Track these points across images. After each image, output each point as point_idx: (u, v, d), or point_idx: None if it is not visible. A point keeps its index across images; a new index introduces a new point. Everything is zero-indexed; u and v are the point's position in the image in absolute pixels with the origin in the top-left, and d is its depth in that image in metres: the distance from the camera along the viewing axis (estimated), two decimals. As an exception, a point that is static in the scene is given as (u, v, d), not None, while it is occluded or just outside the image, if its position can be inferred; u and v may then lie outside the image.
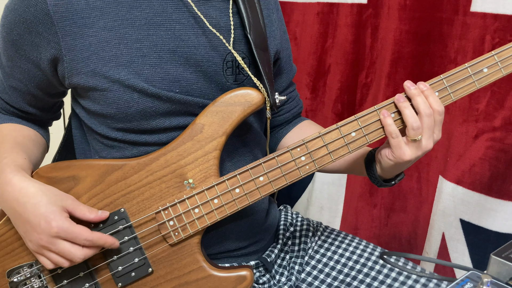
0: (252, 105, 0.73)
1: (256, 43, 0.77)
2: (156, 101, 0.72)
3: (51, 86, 0.77)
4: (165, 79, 0.72)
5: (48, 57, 0.72)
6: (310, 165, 0.73)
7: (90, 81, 0.71)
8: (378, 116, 0.72)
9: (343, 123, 0.73)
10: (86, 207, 0.70)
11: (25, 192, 0.67)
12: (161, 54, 0.72)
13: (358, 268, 0.87)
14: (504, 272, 0.69)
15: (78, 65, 0.70)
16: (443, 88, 0.72)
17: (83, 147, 0.85)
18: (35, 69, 0.75)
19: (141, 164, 0.73)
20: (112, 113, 0.73)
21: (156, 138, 0.76)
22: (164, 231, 0.73)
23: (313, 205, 1.51)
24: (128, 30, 0.71)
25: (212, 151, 0.73)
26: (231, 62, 0.77)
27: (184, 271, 0.74)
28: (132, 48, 0.71)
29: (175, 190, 0.73)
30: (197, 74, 0.75)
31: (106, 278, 0.73)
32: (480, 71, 0.72)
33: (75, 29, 0.69)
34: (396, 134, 0.71)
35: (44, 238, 0.66)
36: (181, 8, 0.73)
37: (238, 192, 0.73)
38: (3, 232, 0.74)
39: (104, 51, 0.70)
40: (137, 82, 0.71)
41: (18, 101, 0.81)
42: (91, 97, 0.73)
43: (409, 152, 0.71)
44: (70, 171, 0.74)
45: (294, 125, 0.97)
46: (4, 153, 0.73)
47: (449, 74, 0.72)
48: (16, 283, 0.73)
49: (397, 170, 0.77)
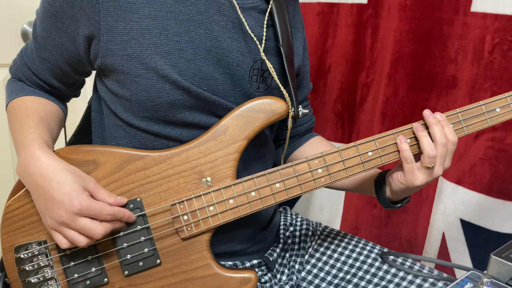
0: (276, 113, 0.75)
1: (286, 56, 0.81)
2: (185, 95, 0.74)
3: (80, 63, 0.78)
4: (197, 75, 0.74)
5: (85, 33, 0.72)
6: (326, 178, 0.75)
7: (125, 64, 0.72)
8: (395, 139, 0.76)
9: (362, 142, 0.75)
10: (106, 191, 0.71)
11: (51, 169, 0.68)
12: (197, 51, 0.73)
13: (357, 266, 0.88)
14: (504, 272, 0.69)
15: (115, 47, 0.71)
16: (457, 121, 0.76)
17: (102, 131, 0.86)
18: (68, 43, 0.76)
19: (163, 157, 0.75)
20: (141, 100, 0.74)
21: (178, 133, 0.77)
22: (177, 225, 0.74)
23: (314, 205, 1.51)
24: (171, 22, 0.72)
25: (233, 153, 0.75)
26: (257, 70, 0.80)
27: (192, 266, 0.75)
28: (171, 40, 0.72)
29: (192, 186, 0.74)
30: (225, 76, 0.77)
31: (113, 265, 0.74)
32: (493, 110, 0.76)
33: (119, 11, 0.70)
34: (411, 160, 0.74)
35: (65, 215, 0.67)
36: (222, 11, 0.75)
37: (253, 196, 0.74)
38: (16, 207, 0.74)
39: (145, 38, 0.71)
40: (171, 73, 0.72)
41: (45, 73, 0.82)
42: (122, 81, 0.74)
43: (421, 177, 0.74)
44: (91, 155, 0.75)
45: (306, 139, 0.99)
46: (30, 128, 0.74)
47: (464, 109, 0.76)
48: (22, 259, 0.73)
49: (406, 193, 0.80)
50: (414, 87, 1.21)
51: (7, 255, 0.74)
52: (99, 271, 0.74)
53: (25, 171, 0.70)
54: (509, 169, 1.07)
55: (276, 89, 0.82)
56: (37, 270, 0.73)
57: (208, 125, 0.77)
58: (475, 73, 1.09)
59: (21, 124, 0.76)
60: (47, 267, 0.73)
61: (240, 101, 0.78)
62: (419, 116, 0.76)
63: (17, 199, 0.74)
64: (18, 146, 0.74)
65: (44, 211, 0.70)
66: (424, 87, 1.20)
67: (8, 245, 0.74)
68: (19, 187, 0.76)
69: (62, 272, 0.73)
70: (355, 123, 1.38)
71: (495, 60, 1.05)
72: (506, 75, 1.05)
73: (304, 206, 1.55)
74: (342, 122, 1.41)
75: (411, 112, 1.23)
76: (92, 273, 0.73)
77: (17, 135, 0.75)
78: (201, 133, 0.76)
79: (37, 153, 0.70)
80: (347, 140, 1.42)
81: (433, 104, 1.19)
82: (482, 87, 1.08)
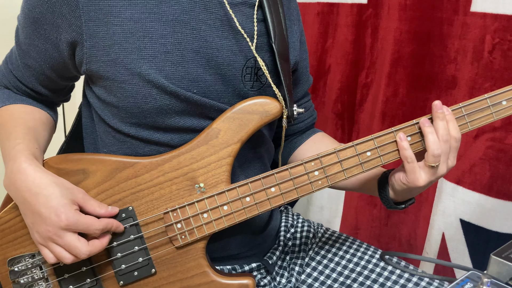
0: (269, 115, 0.73)
1: (279, 53, 0.77)
2: (174, 99, 0.71)
3: (66, 69, 0.76)
4: (185, 78, 0.72)
5: (67, 39, 0.70)
6: (323, 181, 0.73)
7: (109, 70, 0.70)
8: (395, 138, 0.72)
9: (359, 142, 0.72)
10: (96, 202, 0.70)
11: (38, 182, 0.66)
12: (184, 53, 0.71)
13: (358, 271, 0.86)
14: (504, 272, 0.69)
15: (98, 53, 0.69)
16: (461, 116, 0.72)
17: (93, 138, 0.84)
18: (52, 49, 0.74)
19: (154, 164, 0.73)
20: (128, 106, 0.72)
21: (168, 138, 0.75)
22: (171, 233, 0.72)
23: (313, 205, 1.51)
24: (154, 24, 0.69)
25: (226, 157, 0.73)
26: (250, 68, 0.77)
27: (187, 274, 0.74)
28: (156, 43, 0.69)
29: (185, 193, 0.73)
30: (216, 77, 0.74)
31: (108, 275, 0.73)
32: (499, 103, 0.72)
33: (100, 16, 0.68)
34: (412, 159, 0.71)
35: (52, 230, 0.65)
36: (209, 9, 0.72)
37: (248, 201, 0.72)
38: (8, 219, 0.73)
39: (128, 42, 0.69)
40: (157, 77, 0.70)
41: (31, 80, 0.79)
42: (107, 87, 0.72)
43: (424, 177, 0.71)
44: (81, 164, 0.73)
45: (308, 136, 0.96)
46: (17, 139, 0.72)
47: (468, 103, 0.72)
48: (16, 272, 0.72)
49: (409, 194, 0.77)
50: (414, 87, 1.21)
51: (1, 268, 0.73)
52: (94, 282, 0.73)
53: (11, 184, 0.68)
54: (509, 169, 1.07)
55: (271, 87, 0.79)
56: (32, 283, 0.72)
57: (200, 128, 0.74)
58: (475, 73, 1.09)
59: (8, 134, 0.74)
60: (41, 279, 0.72)
61: (233, 101, 0.75)
62: (419, 116, 0.73)
63: (8, 211, 0.73)
64: (5, 158, 0.71)
65: (32, 225, 0.68)
66: (424, 87, 1.20)
67: (1, 258, 0.73)
68: (10, 199, 0.74)
69: (57, 284, 0.72)
70: (355, 123, 1.38)
71: (495, 60, 1.05)
72: (506, 75, 1.05)
73: (304, 206, 1.55)
74: (342, 122, 1.41)
75: (411, 112, 1.23)
76: (87, 284, 0.73)
77: (4, 146, 0.73)
78: (193, 137, 0.74)
79: (23, 165, 0.67)
80: (347, 140, 1.42)
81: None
82: (482, 87, 1.08)
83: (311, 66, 1.42)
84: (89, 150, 0.85)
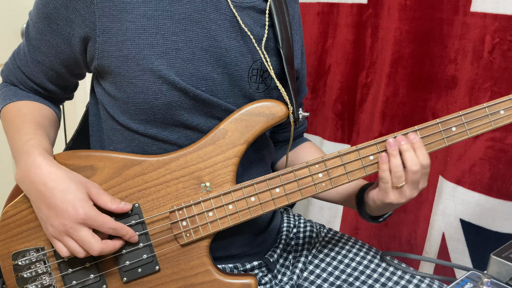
0: (276, 117, 0.74)
1: (286, 58, 0.79)
2: (183, 96, 0.73)
3: (76, 64, 0.77)
4: (194, 76, 0.73)
5: (80, 34, 0.71)
6: (327, 183, 0.74)
7: (121, 66, 0.71)
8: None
9: (363, 146, 0.74)
10: (109, 196, 0.70)
11: (54, 177, 0.67)
12: (195, 51, 0.72)
13: (360, 270, 0.87)
14: (504, 272, 0.69)
15: (111, 48, 0.70)
16: (460, 124, 0.74)
17: (99, 135, 0.85)
18: (64, 45, 0.74)
19: (161, 162, 0.74)
20: (138, 102, 0.73)
21: (176, 137, 0.76)
22: (176, 231, 0.73)
23: (313, 205, 1.51)
24: (167, 21, 0.71)
25: (232, 157, 0.74)
26: (256, 70, 0.78)
27: (191, 272, 0.74)
28: (168, 40, 0.71)
29: (191, 192, 0.74)
30: (223, 76, 0.76)
31: (112, 272, 0.73)
32: (497, 112, 0.75)
33: (114, 12, 0.69)
34: (387, 180, 0.73)
35: (69, 224, 0.66)
36: (220, 10, 0.74)
37: (253, 201, 0.73)
38: (13, 213, 0.73)
39: (140, 39, 0.70)
40: (168, 73, 0.71)
41: (40, 76, 0.80)
42: (118, 83, 0.73)
43: (393, 197, 0.73)
44: (88, 161, 0.74)
45: (297, 144, 0.98)
46: (29, 134, 0.73)
47: (467, 112, 0.74)
48: (20, 266, 0.73)
49: (383, 210, 0.80)
50: (414, 87, 1.21)
51: (5, 262, 0.73)
52: (98, 277, 0.73)
53: (25, 178, 0.69)
54: (509, 169, 1.07)
55: (276, 90, 0.81)
56: (35, 277, 0.73)
57: (207, 128, 0.76)
58: (475, 73, 1.09)
59: (18, 130, 0.74)
60: (45, 274, 0.73)
61: (239, 101, 0.77)
62: (419, 116, 0.75)
63: (14, 205, 0.73)
64: (17, 153, 0.72)
65: (45, 219, 0.68)
66: (424, 87, 1.20)
67: (5, 251, 0.73)
68: (16, 193, 0.75)
69: (61, 279, 0.73)
70: (355, 123, 1.38)
71: (495, 60, 1.05)
72: (506, 75, 1.05)
73: (304, 207, 1.55)
74: (342, 122, 1.41)
75: (411, 112, 1.23)
76: (90, 280, 0.73)
77: (14, 141, 0.74)
78: (199, 137, 0.75)
79: (38, 159, 0.68)
80: (347, 140, 1.42)
81: (433, 104, 1.19)
82: (482, 87, 1.08)
83: (312, 66, 1.42)
84: (95, 148, 0.86)
